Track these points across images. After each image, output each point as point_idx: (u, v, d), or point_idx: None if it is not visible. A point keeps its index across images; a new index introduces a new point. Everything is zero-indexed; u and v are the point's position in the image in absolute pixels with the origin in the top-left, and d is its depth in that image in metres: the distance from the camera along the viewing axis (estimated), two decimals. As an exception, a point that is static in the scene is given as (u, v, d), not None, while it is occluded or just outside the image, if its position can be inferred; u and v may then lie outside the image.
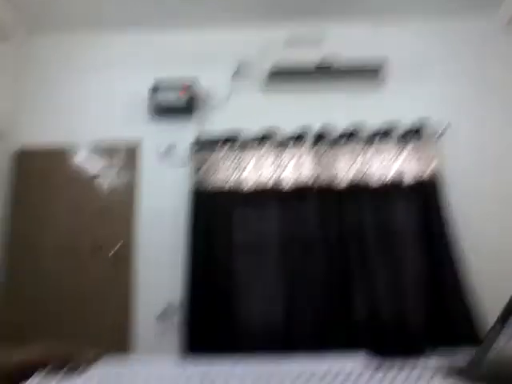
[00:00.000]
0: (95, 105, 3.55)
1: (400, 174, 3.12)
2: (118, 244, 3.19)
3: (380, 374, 0.39)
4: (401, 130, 3.25)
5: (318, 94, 3.47)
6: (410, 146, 3.20)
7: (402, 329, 2.79)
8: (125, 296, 3.14)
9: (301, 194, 3.11)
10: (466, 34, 3.59)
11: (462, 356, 0.80)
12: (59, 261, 3.21)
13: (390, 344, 2.74)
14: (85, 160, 3.44)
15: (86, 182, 3.38)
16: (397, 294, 2.86)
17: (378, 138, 3.23)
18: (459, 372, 0.65)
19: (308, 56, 3.36)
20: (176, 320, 3.02)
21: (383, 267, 2.91)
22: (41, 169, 3.41)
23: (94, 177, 3.40)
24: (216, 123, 3.44)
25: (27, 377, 0.42)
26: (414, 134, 3.22)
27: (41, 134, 3.50)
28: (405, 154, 3.19)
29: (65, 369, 0.44)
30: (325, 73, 3.39)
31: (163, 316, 3.06)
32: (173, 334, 3.00)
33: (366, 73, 3.42)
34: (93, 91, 3.60)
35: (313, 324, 2.83)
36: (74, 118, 3.53)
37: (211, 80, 3.53)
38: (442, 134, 3.27)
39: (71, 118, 3.53)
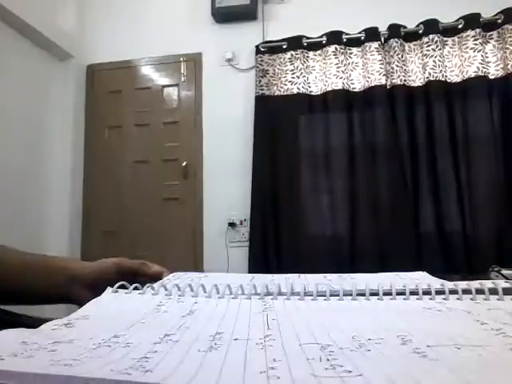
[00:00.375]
0: (157, 17, 3.51)
1: (482, 70, 2.85)
2: (184, 162, 3.27)
3: (443, 295, 0.40)
4: (485, 19, 2.90)
5: None
6: (495, 38, 2.90)
7: (471, 245, 2.72)
8: (195, 209, 3.25)
9: (370, 96, 2.96)
10: None
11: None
12: (132, 173, 3.38)
13: (458, 259, 2.70)
14: (151, 74, 3.49)
15: (153, 95, 3.43)
16: (468, 207, 2.76)
17: (458, 28, 2.93)
18: None
19: None
20: (244, 234, 3.11)
21: (455, 178, 2.79)
22: (110, 84, 3.50)
23: (161, 90, 3.44)
24: (281, 24, 3.29)
25: (102, 287, 0.45)
26: (500, 24, 2.88)
27: (107, 51, 3.54)
28: (489, 46, 2.90)
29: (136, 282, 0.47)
30: None
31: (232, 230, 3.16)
32: (242, 251, 3.07)
33: None
34: (153, 4, 3.55)
35: (378, 236, 2.83)
36: (136, 33, 3.51)
37: None
38: None
39: (134, 33, 3.52)
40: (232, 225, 3.14)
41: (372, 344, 0.27)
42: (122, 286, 0.46)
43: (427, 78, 2.91)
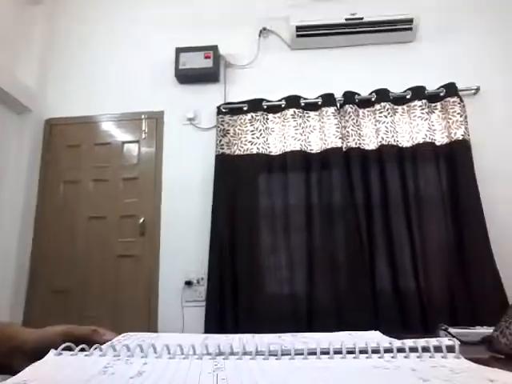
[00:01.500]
0: (121, 76, 3.57)
1: (429, 136, 3.04)
2: (142, 218, 3.24)
3: (391, 354, 0.40)
4: (430, 92, 3.14)
5: (346, 52, 3.41)
6: (439, 109, 3.12)
7: (425, 302, 2.76)
8: (151, 266, 3.18)
9: (327, 158, 3.07)
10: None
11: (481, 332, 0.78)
12: (87, 229, 3.29)
13: (413, 316, 2.73)
14: (111, 130, 3.49)
15: (113, 151, 3.42)
16: (421, 265, 2.82)
17: (406, 98, 3.15)
18: (481, 342, 0.64)
19: (336, 11, 3.29)
20: (201, 293, 3.04)
21: (408, 236, 2.87)
22: (69, 138, 3.48)
23: (121, 146, 3.44)
24: (242, 87, 3.41)
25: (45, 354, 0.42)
26: (442, 96, 3.12)
27: (68, 106, 3.54)
28: (434, 116, 3.11)
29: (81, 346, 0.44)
30: (354, 27, 3.27)
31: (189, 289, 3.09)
32: (198, 311, 2.99)
33: (396, 29, 3.27)
34: (116, 61, 3.61)
35: (335, 294, 2.84)
36: (98, 89, 3.55)
37: (236, 43, 3.51)
38: (475, 94, 3.18)
39: (96, 89, 3.55)
40: (189, 283, 3.07)
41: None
42: (68, 348, 0.44)
43: (380, 142, 3.07)
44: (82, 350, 0.44)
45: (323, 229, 2.98)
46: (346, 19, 3.26)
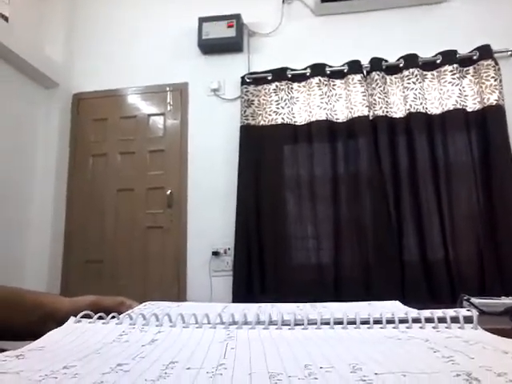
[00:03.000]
0: (144, 48, 3.57)
1: (460, 102, 2.93)
2: (169, 190, 3.27)
3: (406, 324, 0.40)
4: (462, 55, 3.01)
5: (372, 17, 3.29)
6: (471, 73, 3.00)
7: (454, 272, 2.73)
8: (179, 237, 3.23)
9: (353, 127, 3.01)
10: None
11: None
12: (116, 201, 3.36)
13: (442, 287, 2.70)
14: (137, 103, 3.52)
15: (139, 124, 3.46)
16: (450, 235, 2.78)
17: (436, 63, 3.02)
18: (504, 313, 0.64)
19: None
20: (228, 263, 3.09)
21: (437, 206, 2.82)
22: (96, 112, 3.53)
23: (147, 119, 3.47)
24: (266, 56, 3.36)
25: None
26: (475, 60, 2.99)
27: (94, 80, 3.57)
28: (466, 81, 3.00)
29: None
30: None
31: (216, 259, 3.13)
32: (225, 280, 3.04)
33: None
34: (140, 34, 3.61)
35: (362, 264, 2.83)
36: (123, 63, 3.57)
37: (259, 11, 3.44)
38: (511, 56, 3.04)
39: (121, 63, 3.58)
40: (216, 254, 3.12)
41: (322, 372, 0.27)
42: (88, 316, 0.46)
43: (408, 109, 2.99)
44: (100, 318, 0.45)
45: (349, 199, 2.96)
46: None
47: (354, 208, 2.94)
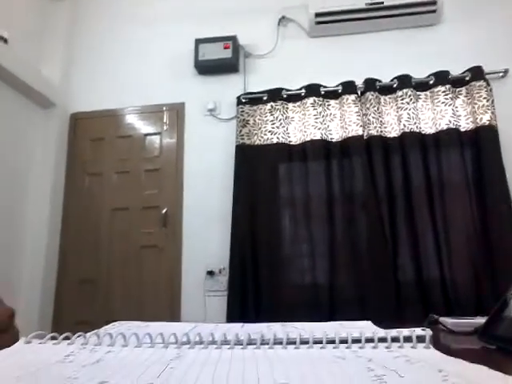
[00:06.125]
0: (142, 68, 3.62)
1: (453, 122, 2.95)
2: (164, 209, 3.28)
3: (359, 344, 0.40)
4: (454, 76, 3.04)
5: (366, 38, 3.35)
6: (464, 93, 3.03)
7: (450, 292, 2.72)
8: (174, 257, 3.22)
9: (348, 146, 3.03)
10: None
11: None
12: (111, 221, 3.36)
13: (437, 307, 2.66)
14: (133, 122, 3.55)
15: (135, 143, 3.48)
16: (445, 254, 2.77)
17: (429, 84, 3.06)
18: (474, 333, 0.63)
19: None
20: (223, 283, 3.07)
21: (431, 225, 2.82)
22: (92, 132, 3.56)
23: (143, 138, 3.49)
24: (261, 76, 3.41)
25: None
26: (468, 81, 3.02)
27: (91, 100, 3.62)
28: (459, 101, 3.02)
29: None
30: (374, 12, 3.19)
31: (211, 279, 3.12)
32: (220, 300, 3.02)
33: (418, 12, 3.17)
34: (137, 55, 3.67)
35: (357, 284, 2.82)
36: (120, 83, 3.61)
37: (255, 33, 3.50)
38: (502, 77, 3.08)
39: (118, 83, 3.62)
40: (210, 273, 3.10)
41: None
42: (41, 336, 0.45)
43: (402, 129, 3.01)
44: (53, 338, 0.45)
45: (345, 218, 2.95)
46: (366, 4, 3.19)
47: (349, 228, 2.93)
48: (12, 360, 0.38)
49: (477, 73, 3.03)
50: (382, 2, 3.16)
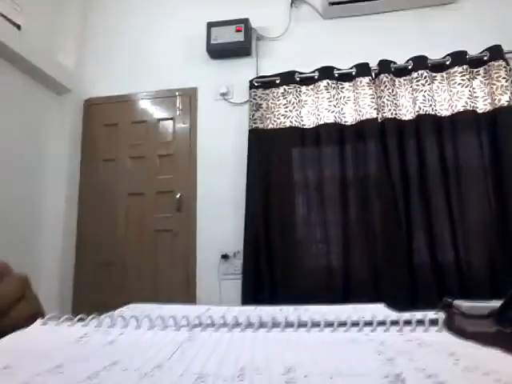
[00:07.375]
0: (154, 54, 3.61)
1: (470, 104, 2.89)
2: (178, 194, 3.29)
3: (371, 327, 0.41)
4: (472, 56, 2.97)
5: (380, 19, 3.27)
6: (481, 74, 2.96)
7: (466, 275, 2.69)
8: (188, 241, 3.24)
9: (362, 129, 2.99)
10: None
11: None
12: (126, 206, 3.39)
13: (453, 290, 2.65)
14: (147, 107, 3.56)
15: (149, 128, 3.49)
16: (461, 237, 2.74)
17: (446, 65, 2.99)
18: (488, 316, 0.63)
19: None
20: (237, 266, 3.08)
21: (447, 209, 2.78)
22: (107, 117, 3.58)
23: (156, 123, 3.50)
24: (274, 59, 3.37)
25: None
26: (486, 61, 2.95)
27: (105, 85, 3.62)
28: (476, 82, 2.96)
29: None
30: None
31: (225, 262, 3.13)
32: (234, 284, 3.03)
33: None
34: (149, 40, 3.65)
35: (372, 268, 2.81)
36: (133, 68, 3.61)
37: (267, 15, 3.45)
38: None
39: (131, 68, 3.61)
40: (225, 257, 3.13)
41: (253, 374, 0.27)
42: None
43: (417, 111, 2.96)
44: (69, 319, 0.46)
45: (359, 202, 2.94)
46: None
47: (363, 211, 2.92)
48: (28, 341, 0.39)
49: (495, 52, 2.94)
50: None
